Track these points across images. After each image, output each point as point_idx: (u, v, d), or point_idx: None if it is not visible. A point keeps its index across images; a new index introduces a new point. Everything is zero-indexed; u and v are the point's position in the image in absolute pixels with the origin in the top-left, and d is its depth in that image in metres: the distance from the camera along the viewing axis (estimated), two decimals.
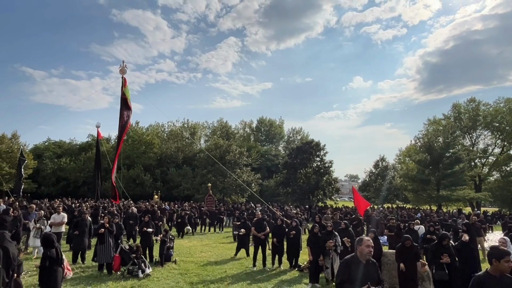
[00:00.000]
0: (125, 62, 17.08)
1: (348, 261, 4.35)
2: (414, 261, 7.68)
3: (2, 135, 46.99)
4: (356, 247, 4.43)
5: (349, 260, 4.37)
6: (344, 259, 4.50)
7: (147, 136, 55.64)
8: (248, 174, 43.11)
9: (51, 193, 45.69)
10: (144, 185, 46.73)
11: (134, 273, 9.13)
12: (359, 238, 4.52)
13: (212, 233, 20.79)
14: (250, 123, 72.23)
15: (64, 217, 12.01)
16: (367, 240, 4.36)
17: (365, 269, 4.24)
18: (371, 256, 4.35)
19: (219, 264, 11.33)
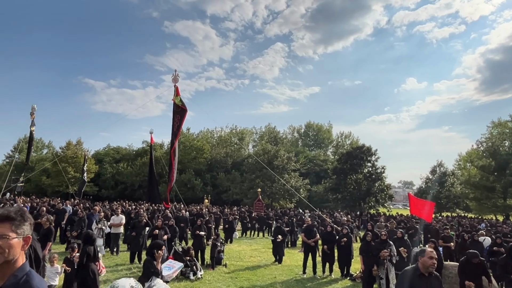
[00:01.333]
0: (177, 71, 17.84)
1: (409, 273, 4.11)
2: (480, 276, 7.05)
3: (68, 142, 51.32)
4: (418, 258, 4.17)
5: (410, 272, 4.12)
6: (404, 271, 4.25)
7: (198, 142, 57.49)
8: (296, 180, 42.74)
9: (110, 196, 48.75)
10: (195, 189, 48.19)
11: (187, 274, 9.38)
12: (421, 249, 4.26)
13: (261, 238, 20.81)
14: (299, 128, 71.73)
15: (122, 218, 12.73)
16: (430, 251, 4.08)
17: (427, 282, 3.97)
18: (434, 269, 4.07)
19: (268, 269, 11.29)
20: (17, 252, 1.66)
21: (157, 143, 54.61)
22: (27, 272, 1.68)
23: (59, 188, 46.26)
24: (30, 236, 1.73)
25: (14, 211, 1.71)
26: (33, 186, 47.75)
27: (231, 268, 11.13)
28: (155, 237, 9.90)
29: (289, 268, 11.73)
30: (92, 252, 6.22)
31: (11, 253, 1.63)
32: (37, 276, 1.72)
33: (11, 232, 1.65)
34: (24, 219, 1.72)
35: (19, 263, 1.68)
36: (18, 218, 1.69)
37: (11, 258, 1.64)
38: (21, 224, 1.69)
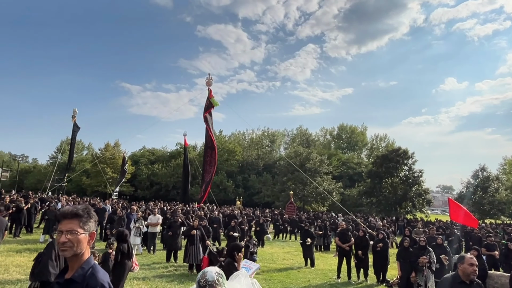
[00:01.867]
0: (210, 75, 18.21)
1: (449, 281, 3.97)
2: None
3: (107, 144, 53.63)
4: (457, 265, 4.02)
5: (450, 280, 3.98)
6: (443, 278, 4.12)
7: (230, 144, 58.17)
8: (329, 183, 42.14)
9: (145, 196, 50.33)
10: (227, 191, 48.74)
11: None
12: (461, 255, 4.10)
13: (293, 240, 20.71)
14: (331, 130, 70.71)
15: (159, 218, 13.14)
16: (470, 258, 3.92)
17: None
18: (476, 276, 3.90)
19: (302, 273, 11.23)
20: (84, 246, 1.82)
21: (190, 145, 55.83)
22: (93, 265, 1.83)
23: (98, 188, 48.41)
24: (94, 232, 1.89)
25: (82, 209, 1.87)
26: (74, 186, 50.26)
27: (264, 270, 11.17)
28: (191, 237, 10.14)
29: (322, 272, 11.60)
30: (126, 249, 6.50)
31: (78, 247, 1.79)
32: (101, 270, 1.86)
33: (79, 228, 1.81)
34: (90, 216, 1.87)
35: (86, 256, 1.84)
36: (85, 216, 1.85)
37: (78, 251, 1.79)
38: (87, 221, 1.85)
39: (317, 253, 14.97)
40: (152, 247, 12.93)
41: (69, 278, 1.79)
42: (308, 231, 13.10)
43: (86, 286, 1.74)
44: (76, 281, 1.76)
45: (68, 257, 1.81)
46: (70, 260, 1.82)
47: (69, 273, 1.82)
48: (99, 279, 1.77)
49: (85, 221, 1.84)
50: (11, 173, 55.37)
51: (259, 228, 17.20)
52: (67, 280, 1.79)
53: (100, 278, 1.79)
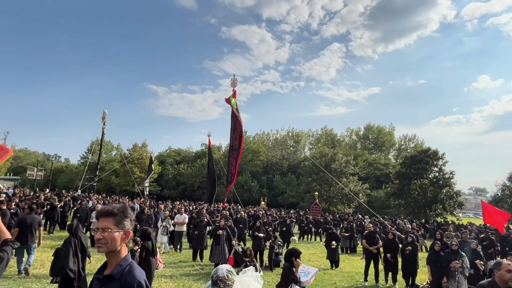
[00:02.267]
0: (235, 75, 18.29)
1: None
2: None
3: (135, 144, 55.10)
4: (493, 272, 3.82)
5: (487, 287, 3.78)
6: (479, 285, 3.92)
7: (254, 145, 58.33)
8: (355, 184, 41.41)
9: (171, 196, 51.27)
10: (251, 191, 48.89)
11: None
12: (497, 261, 3.90)
13: (318, 242, 20.48)
14: (357, 130, 69.48)
15: (185, 217, 13.34)
16: (507, 264, 3.71)
17: None
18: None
19: (327, 275, 11.08)
20: (118, 244, 1.88)
21: (215, 145, 56.44)
22: (130, 263, 1.90)
23: (126, 187, 49.78)
24: (130, 231, 1.94)
25: (117, 208, 1.94)
26: (104, 185, 51.89)
27: None
28: (217, 237, 10.23)
29: (349, 275, 11.40)
30: (150, 246, 6.63)
31: (112, 244, 1.86)
32: (138, 267, 1.93)
33: (113, 226, 1.88)
34: (125, 216, 1.93)
35: (123, 254, 1.91)
36: (119, 214, 1.91)
37: (113, 248, 1.87)
38: (122, 220, 1.91)
39: (343, 255, 14.75)
40: (178, 245, 13.15)
41: (108, 274, 1.86)
42: (333, 233, 12.92)
43: (124, 283, 1.80)
44: (114, 278, 1.82)
45: (106, 254, 1.89)
46: (107, 256, 1.90)
47: (108, 269, 1.90)
48: (136, 276, 1.83)
49: (119, 220, 1.90)
50: (45, 172, 57.86)
51: (285, 229, 16.76)
52: (106, 276, 1.86)
53: (137, 275, 1.85)
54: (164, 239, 12.80)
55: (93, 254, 11.07)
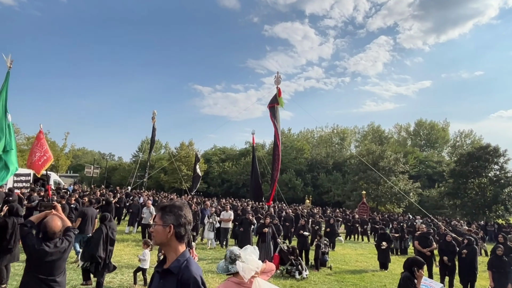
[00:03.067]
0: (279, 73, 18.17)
1: None
2: None
3: (182, 143, 57.05)
4: None
5: None
6: None
7: (298, 142, 57.82)
8: (405, 182, 39.56)
9: (217, 193, 52.39)
10: (295, 189, 48.54)
11: (292, 273, 9.43)
12: None
13: (366, 242, 19.82)
14: (407, 126, 66.27)
15: (231, 214, 13.51)
16: None
17: None
18: None
19: (377, 276, 10.65)
20: (162, 237, 1.96)
21: (259, 143, 56.81)
22: (187, 258, 1.97)
23: (174, 184, 51.63)
24: (172, 225, 1.97)
25: (166, 204, 2.04)
26: (153, 182, 54.23)
27: (336, 271, 10.82)
28: (263, 234, 10.21)
29: (400, 277, 10.85)
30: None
31: (157, 237, 1.97)
32: (195, 263, 2.00)
33: (159, 220, 1.99)
34: (171, 211, 2.00)
35: (181, 249, 1.99)
36: (166, 209, 2.00)
37: (159, 241, 1.98)
38: (166, 215, 1.99)
39: (393, 257, 14.12)
40: (224, 242, 13.35)
41: (166, 268, 1.95)
42: (384, 234, 12.39)
43: (181, 278, 1.87)
44: (172, 272, 1.90)
45: (162, 248, 2.04)
46: (164, 250, 2.03)
47: (166, 263, 1.99)
48: (193, 272, 1.89)
49: (164, 215, 1.99)
50: (101, 170, 61.62)
51: (329, 229, 15.72)
52: (165, 270, 1.95)
53: (194, 271, 1.91)
54: (211, 235, 13.06)
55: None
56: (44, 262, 3.53)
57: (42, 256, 3.51)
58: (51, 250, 3.54)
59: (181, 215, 1.99)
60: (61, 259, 3.68)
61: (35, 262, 3.54)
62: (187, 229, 2.02)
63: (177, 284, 1.87)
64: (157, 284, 1.97)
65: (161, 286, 1.93)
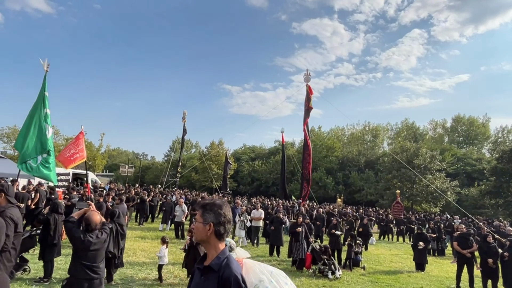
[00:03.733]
0: (308, 71, 17.99)
1: None
2: None
3: (212, 142, 57.83)
4: None
5: None
6: None
7: (328, 140, 57.00)
8: (442, 181, 37.97)
9: (247, 191, 52.67)
10: (326, 188, 47.91)
11: (325, 273, 9.29)
12: None
13: (401, 242, 19.22)
14: (443, 122, 63.52)
15: (261, 213, 13.53)
16: None
17: None
18: None
19: (413, 278, 10.28)
20: (202, 235, 2.01)
21: (288, 142, 56.44)
22: (227, 256, 2.00)
23: (205, 183, 52.46)
24: (212, 223, 2.01)
25: (207, 202, 2.08)
26: (185, 181, 55.32)
27: (370, 272, 10.56)
28: (296, 234, 10.12)
29: (437, 279, 10.44)
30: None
31: (198, 234, 2.03)
32: (235, 261, 2.02)
33: (199, 217, 2.04)
34: (211, 210, 2.04)
35: (221, 247, 2.02)
36: (206, 208, 2.04)
37: (199, 238, 2.04)
38: (206, 213, 2.03)
39: (430, 258, 13.59)
40: (255, 240, 13.38)
41: (207, 265, 1.98)
42: (421, 234, 11.93)
43: (222, 275, 1.90)
44: (213, 269, 1.94)
45: (202, 245, 2.11)
46: (204, 247, 2.07)
47: (207, 260, 2.03)
48: (233, 270, 1.92)
49: (204, 213, 2.03)
50: (135, 169, 63.70)
51: (362, 229, 14.80)
52: (206, 267, 1.99)
53: (234, 268, 1.93)
54: (242, 234, 13.13)
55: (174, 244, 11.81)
56: (89, 251, 4.12)
57: (87, 246, 4.11)
58: (94, 241, 4.15)
59: (220, 214, 2.02)
60: (102, 248, 4.29)
61: (81, 251, 4.14)
62: (227, 227, 2.05)
63: (218, 281, 1.89)
64: (198, 280, 2.00)
65: (202, 282, 1.96)
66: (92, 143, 49.36)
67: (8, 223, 3.37)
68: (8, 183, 3.95)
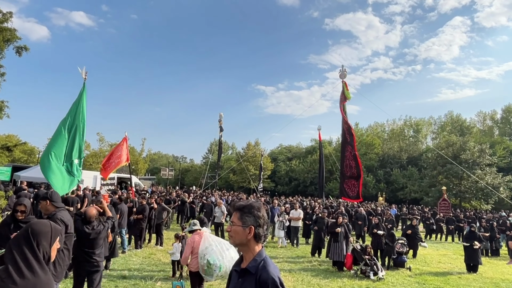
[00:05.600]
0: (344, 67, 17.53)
1: None
2: None
3: (248, 143, 58.25)
4: None
5: None
6: None
7: (367, 137, 55.42)
8: (494, 176, 35.63)
9: (285, 191, 52.41)
10: (367, 186, 46.54)
11: (367, 273, 9.02)
12: None
13: (450, 242, 18.25)
14: (493, 114, 59.55)
15: (300, 213, 13.39)
16: None
17: None
18: None
19: (464, 279, 9.70)
20: (242, 238, 1.98)
21: (325, 140, 55.57)
22: (264, 258, 1.97)
23: (243, 183, 52.90)
24: (252, 227, 1.98)
25: (245, 204, 2.05)
26: (223, 182, 56.11)
27: (417, 273, 10.09)
28: (335, 234, 9.91)
29: (492, 281, 9.77)
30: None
31: (236, 238, 1.99)
32: (272, 263, 1.98)
33: (238, 220, 2.00)
34: (250, 212, 2.00)
35: (257, 249, 2.00)
36: (244, 210, 2.01)
37: (237, 242, 2.00)
38: (245, 215, 2.00)
39: (484, 259, 12.76)
40: (295, 240, 13.26)
41: (244, 268, 1.97)
42: (473, 232, 11.25)
43: (259, 278, 1.87)
44: (250, 272, 1.92)
45: (239, 247, 2.05)
46: (241, 250, 2.05)
47: (244, 263, 2.01)
48: (271, 273, 1.88)
49: (242, 215, 2.00)
50: (175, 172, 65.54)
51: (411, 232, 12.36)
52: (243, 269, 1.98)
53: (271, 271, 1.89)
54: (281, 234, 13.07)
55: None
56: (86, 240, 4.83)
57: (83, 235, 4.84)
58: (89, 231, 4.85)
59: (260, 216, 2.00)
60: (97, 238, 4.94)
61: (80, 239, 4.85)
62: (265, 229, 2.03)
63: (255, 284, 1.88)
64: (236, 283, 2.00)
65: (240, 284, 1.95)
66: (134, 148, 51.44)
67: (59, 224, 3.57)
68: (52, 190, 4.19)
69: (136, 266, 8.66)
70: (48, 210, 3.92)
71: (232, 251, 5.52)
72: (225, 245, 5.55)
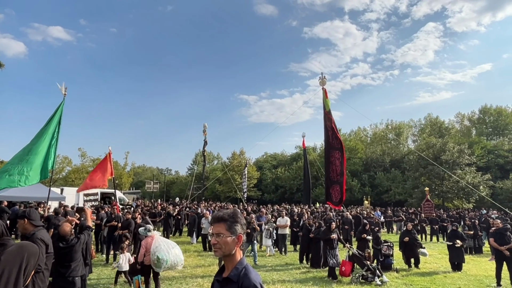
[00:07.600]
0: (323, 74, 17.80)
1: None
2: None
3: (233, 153, 58.12)
4: None
5: None
6: None
7: (350, 142, 56.16)
8: (473, 175, 36.58)
9: (272, 199, 52.39)
10: (352, 191, 47.05)
11: (369, 279, 8.97)
12: None
13: (435, 242, 18.57)
14: (470, 115, 61.38)
15: (287, 220, 13.40)
16: None
17: None
18: None
19: (449, 278, 9.89)
20: (231, 248, 1.97)
21: (309, 146, 55.93)
22: (245, 266, 1.97)
23: (229, 193, 52.63)
24: (241, 235, 1.99)
25: (228, 213, 2.03)
26: (210, 193, 55.65)
27: (404, 274, 10.23)
28: (330, 241, 9.89)
29: (476, 278, 9.99)
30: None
31: (226, 248, 1.96)
32: (253, 270, 1.98)
33: (225, 231, 1.97)
34: (236, 221, 2.00)
35: (238, 257, 2.00)
36: (230, 220, 1.99)
37: (227, 252, 1.97)
38: (233, 225, 1.99)
39: (467, 256, 13.06)
40: (283, 248, 13.25)
41: (226, 277, 1.97)
42: (456, 231, 11.49)
43: (241, 285, 1.88)
44: (232, 280, 1.92)
45: (223, 258, 2.01)
46: (224, 260, 2.03)
47: (225, 272, 2.00)
48: (252, 280, 1.89)
49: (230, 225, 1.98)
50: (160, 184, 64.69)
51: (408, 239, 11.32)
52: (225, 278, 1.97)
53: (253, 278, 1.90)
54: (268, 242, 13.03)
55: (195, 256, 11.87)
56: (60, 253, 4.91)
57: (57, 249, 4.84)
58: (63, 246, 4.97)
59: (244, 223, 2.03)
60: (72, 251, 5.02)
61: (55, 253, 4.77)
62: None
63: None
64: None
65: None
66: (117, 162, 50.64)
67: (39, 245, 3.48)
68: (30, 208, 4.08)
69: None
70: (27, 230, 3.80)
71: (176, 249, 6.71)
72: (171, 245, 6.75)
